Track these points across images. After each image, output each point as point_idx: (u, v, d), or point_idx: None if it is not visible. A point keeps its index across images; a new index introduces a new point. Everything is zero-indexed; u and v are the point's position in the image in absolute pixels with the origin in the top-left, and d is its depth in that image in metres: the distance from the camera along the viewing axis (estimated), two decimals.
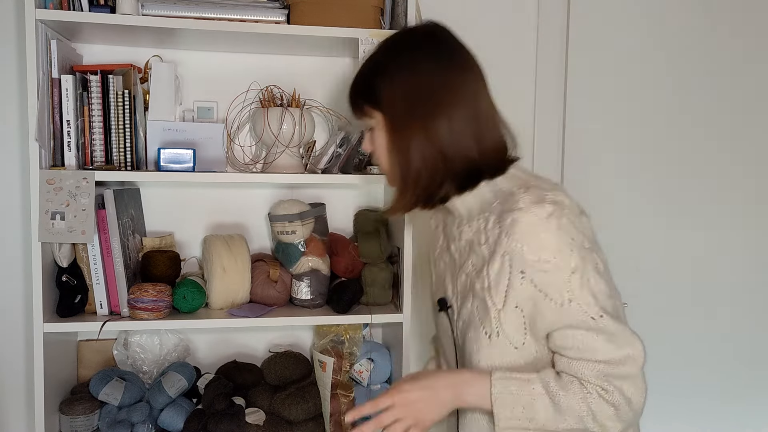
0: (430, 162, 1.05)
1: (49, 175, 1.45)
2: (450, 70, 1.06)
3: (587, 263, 0.99)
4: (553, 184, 1.07)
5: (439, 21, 1.13)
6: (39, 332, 1.47)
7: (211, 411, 1.57)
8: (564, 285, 0.98)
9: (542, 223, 0.97)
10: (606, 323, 0.98)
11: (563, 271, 0.97)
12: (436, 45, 1.08)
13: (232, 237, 1.69)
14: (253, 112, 1.74)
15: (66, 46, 1.58)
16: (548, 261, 0.97)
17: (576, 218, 1.01)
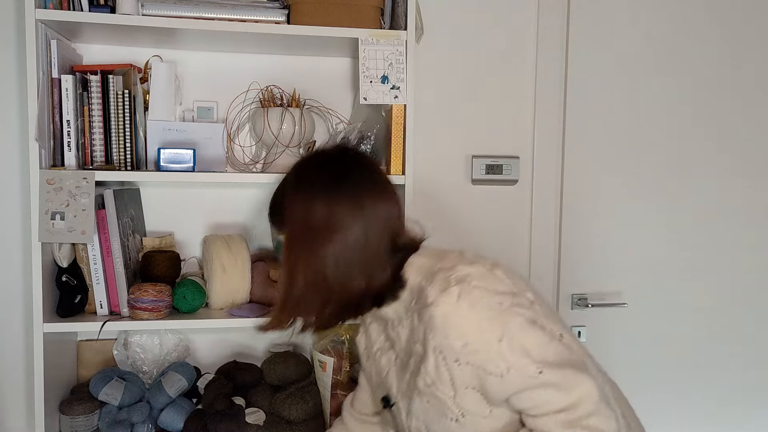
0: (312, 288, 1.08)
1: (49, 175, 1.45)
2: (343, 202, 1.07)
3: (511, 324, 1.00)
4: (456, 255, 1.09)
5: (351, 147, 1.18)
6: (39, 332, 1.47)
7: (211, 411, 1.57)
8: (497, 357, 0.99)
9: (454, 309, 1.00)
10: (547, 376, 0.98)
11: (491, 344, 0.99)
12: (336, 176, 1.10)
13: (232, 237, 1.69)
14: (253, 112, 1.74)
15: (66, 46, 1.58)
16: (474, 342, 0.99)
17: (486, 281, 1.03)
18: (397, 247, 1.12)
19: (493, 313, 1.00)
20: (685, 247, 2.10)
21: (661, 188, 2.07)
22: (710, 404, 2.16)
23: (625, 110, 2.03)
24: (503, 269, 1.07)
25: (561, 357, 1.00)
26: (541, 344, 1.00)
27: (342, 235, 1.06)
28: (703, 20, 2.06)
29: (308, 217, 1.08)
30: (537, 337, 1.00)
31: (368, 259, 1.08)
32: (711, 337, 2.14)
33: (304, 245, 1.08)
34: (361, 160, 1.15)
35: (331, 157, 1.14)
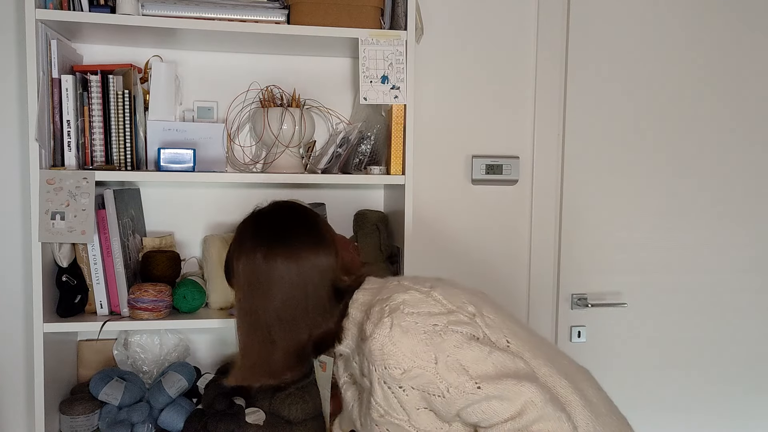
0: (258, 342, 1.14)
1: (49, 175, 1.45)
2: (280, 258, 1.12)
3: (445, 344, 1.03)
4: (395, 285, 1.12)
5: (287, 202, 1.22)
6: (39, 332, 1.48)
7: (211, 411, 1.57)
8: (436, 378, 1.02)
9: (388, 340, 1.03)
10: (487, 390, 1.01)
11: (428, 367, 1.02)
12: (272, 233, 1.15)
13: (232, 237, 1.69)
14: (253, 112, 1.74)
15: (66, 46, 1.58)
16: (412, 368, 1.02)
17: (420, 306, 1.06)
18: (340, 291, 1.16)
19: (427, 336, 1.03)
20: (685, 247, 2.10)
21: (661, 188, 2.07)
22: (710, 404, 2.16)
23: (625, 110, 2.03)
24: (443, 288, 1.11)
25: (501, 368, 1.03)
26: (479, 359, 1.03)
27: (281, 290, 1.11)
28: (704, 20, 2.06)
29: (249, 275, 1.13)
30: (474, 353, 1.03)
31: (310, 310, 1.13)
32: (711, 337, 2.14)
33: (248, 302, 1.14)
34: (297, 214, 1.19)
35: (268, 215, 1.19)
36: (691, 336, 2.12)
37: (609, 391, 2.09)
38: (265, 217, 1.19)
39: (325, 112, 1.82)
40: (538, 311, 2.01)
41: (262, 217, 1.19)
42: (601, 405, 1.16)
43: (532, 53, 1.96)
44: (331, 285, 1.15)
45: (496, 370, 1.03)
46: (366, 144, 1.69)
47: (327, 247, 1.16)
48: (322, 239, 1.16)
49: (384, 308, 1.07)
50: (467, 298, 1.12)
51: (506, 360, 1.04)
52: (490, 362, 1.03)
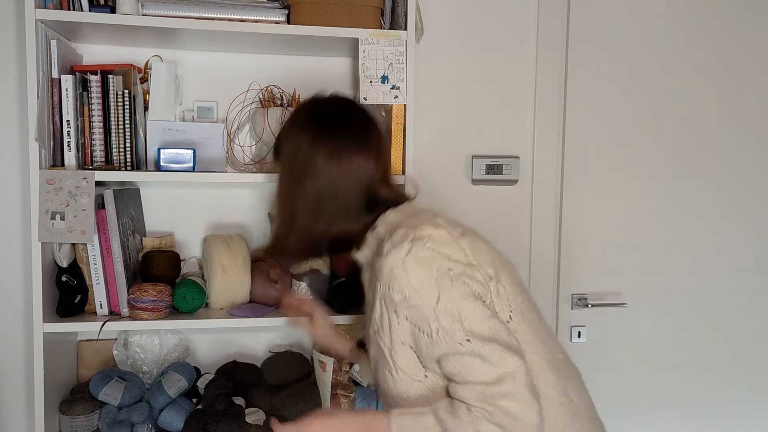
0: (296, 214, 1.17)
1: (49, 175, 1.45)
2: (322, 152, 1.15)
3: (453, 290, 1.03)
4: (429, 216, 1.12)
5: (344, 95, 1.24)
6: (39, 332, 1.47)
7: (211, 411, 1.57)
8: (430, 316, 1.02)
9: (400, 263, 1.03)
10: (474, 346, 1.00)
11: (428, 303, 1.02)
12: (324, 125, 1.18)
13: (232, 237, 1.69)
14: (253, 112, 1.74)
15: (66, 46, 1.58)
16: (412, 297, 1.03)
17: (444, 246, 1.06)
18: (374, 202, 1.17)
19: (438, 275, 1.03)
20: (685, 247, 2.10)
21: (661, 188, 2.07)
22: (710, 404, 2.16)
23: (625, 110, 2.03)
24: (472, 239, 1.10)
25: (495, 334, 1.02)
26: (478, 317, 1.02)
27: (315, 179, 1.14)
28: (704, 20, 2.06)
29: (290, 156, 1.17)
30: (476, 310, 1.03)
31: (336, 207, 1.15)
32: (711, 337, 2.14)
33: (284, 180, 1.19)
34: (354, 113, 1.21)
35: (325, 105, 1.22)
36: (691, 336, 2.12)
37: (609, 390, 2.09)
38: (322, 105, 1.22)
39: None
40: None
41: (320, 104, 1.22)
42: (581, 407, 1.16)
43: (532, 53, 1.96)
44: (366, 192, 1.16)
45: (490, 333, 1.02)
46: None
47: (371, 153, 1.17)
48: (368, 144, 1.18)
49: (408, 234, 1.06)
50: (491, 259, 1.11)
51: (502, 331, 1.04)
52: (487, 325, 1.02)
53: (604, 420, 2.10)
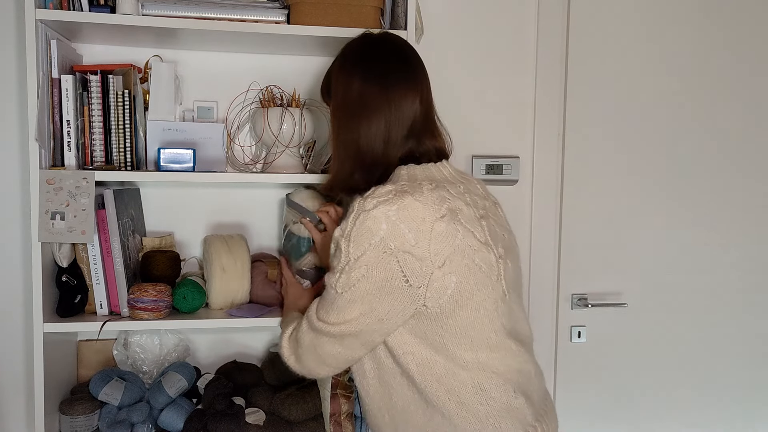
0: (348, 150, 1.23)
1: (49, 175, 1.45)
2: (380, 80, 1.21)
3: (374, 259, 1.09)
4: (424, 187, 1.13)
5: (393, 32, 1.31)
6: (39, 332, 1.47)
7: (211, 411, 1.57)
8: (341, 261, 1.12)
9: (356, 213, 1.11)
10: (338, 299, 1.13)
11: (347, 254, 1.11)
12: (378, 56, 1.25)
13: (232, 237, 1.69)
14: (253, 112, 1.74)
15: (66, 46, 1.58)
16: (344, 241, 1.12)
17: (406, 222, 1.08)
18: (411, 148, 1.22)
19: (377, 243, 1.08)
20: (685, 247, 2.10)
21: (661, 188, 2.07)
22: (710, 404, 2.16)
23: (626, 110, 2.03)
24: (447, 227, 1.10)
25: (366, 310, 1.12)
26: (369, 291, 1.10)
27: (374, 111, 1.19)
28: (704, 19, 2.06)
29: (348, 93, 1.22)
30: (374, 283, 1.10)
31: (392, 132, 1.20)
32: (711, 337, 2.14)
33: (343, 116, 1.23)
34: (397, 45, 1.28)
35: (374, 43, 1.27)
36: (691, 336, 2.12)
37: (609, 391, 2.09)
38: (372, 44, 1.27)
39: (326, 112, 1.82)
40: (538, 311, 2.01)
41: (370, 43, 1.27)
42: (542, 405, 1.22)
43: (532, 53, 1.96)
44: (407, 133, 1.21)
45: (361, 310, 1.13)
46: None
47: (417, 94, 1.23)
48: (417, 84, 1.24)
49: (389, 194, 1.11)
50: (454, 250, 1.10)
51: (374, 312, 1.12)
52: (368, 302, 1.12)
53: (605, 420, 2.11)
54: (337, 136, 1.24)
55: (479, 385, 1.14)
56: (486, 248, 1.14)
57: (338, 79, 1.25)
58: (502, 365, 1.16)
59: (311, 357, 1.21)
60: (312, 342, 1.19)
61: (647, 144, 2.05)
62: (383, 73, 1.21)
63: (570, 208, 2.02)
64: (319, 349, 1.19)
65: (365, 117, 1.20)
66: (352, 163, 1.23)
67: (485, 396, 1.14)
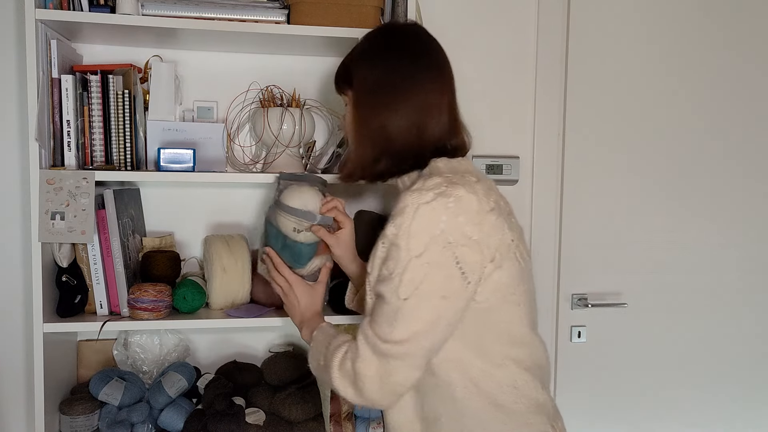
0: (375, 137, 1.18)
1: (49, 175, 1.45)
2: (409, 68, 1.18)
3: (437, 255, 1.04)
4: (471, 179, 1.11)
5: (418, 23, 1.30)
6: (39, 332, 1.47)
7: (211, 411, 1.57)
8: (402, 261, 1.05)
9: (415, 206, 1.05)
10: (404, 307, 1.04)
11: (409, 251, 1.04)
12: (405, 44, 1.21)
13: (233, 237, 1.69)
14: (253, 112, 1.74)
15: (66, 46, 1.58)
16: (401, 237, 1.05)
17: (463, 214, 1.05)
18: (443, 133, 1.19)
19: (438, 237, 1.04)
20: (685, 247, 2.10)
21: (661, 188, 2.07)
22: (710, 404, 2.16)
23: (626, 110, 2.03)
24: (496, 220, 1.09)
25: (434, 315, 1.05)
26: (434, 291, 1.04)
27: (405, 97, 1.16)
28: (704, 19, 2.06)
29: (377, 79, 1.18)
30: (440, 282, 1.04)
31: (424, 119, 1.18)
32: (711, 337, 2.14)
33: (372, 102, 1.19)
34: (425, 35, 1.25)
35: (402, 31, 1.25)
36: (691, 336, 2.12)
37: (609, 391, 2.09)
38: (399, 32, 1.24)
39: (325, 112, 1.82)
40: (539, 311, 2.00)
41: (396, 31, 1.25)
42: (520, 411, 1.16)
43: (532, 53, 1.96)
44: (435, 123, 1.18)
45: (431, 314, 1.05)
46: None
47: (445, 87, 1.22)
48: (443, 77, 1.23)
49: (441, 185, 1.07)
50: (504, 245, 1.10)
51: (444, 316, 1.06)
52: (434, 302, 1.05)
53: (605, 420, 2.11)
54: (363, 123, 1.19)
55: (513, 383, 1.13)
56: (521, 243, 1.15)
57: (362, 65, 1.21)
58: (530, 360, 1.16)
59: (377, 387, 1.07)
60: (379, 371, 1.06)
61: (647, 144, 2.05)
62: (412, 61, 1.18)
63: (570, 208, 2.02)
64: (388, 378, 1.06)
65: (393, 103, 1.16)
66: (379, 149, 1.18)
67: (518, 394, 1.13)
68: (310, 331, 1.26)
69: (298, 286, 1.33)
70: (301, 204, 1.32)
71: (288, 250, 1.36)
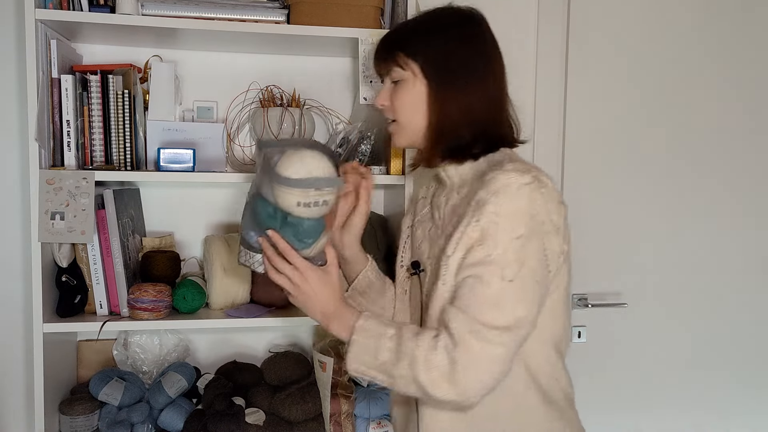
0: (459, 119, 1.12)
1: (48, 175, 1.45)
2: (485, 48, 1.16)
3: (534, 240, 1.02)
4: (545, 173, 1.12)
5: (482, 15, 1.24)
6: (39, 332, 1.47)
7: (211, 411, 1.57)
8: (502, 242, 1.01)
9: (515, 186, 1.02)
10: (508, 289, 0.99)
11: (509, 232, 1.01)
12: (476, 25, 1.18)
13: (233, 237, 1.69)
14: (253, 112, 1.74)
15: (66, 46, 1.58)
16: (502, 216, 1.01)
17: (550, 203, 1.06)
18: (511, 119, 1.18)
19: (534, 221, 1.02)
20: (685, 247, 2.10)
21: (661, 188, 2.07)
22: (710, 404, 2.16)
23: (626, 110, 2.03)
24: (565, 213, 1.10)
25: (533, 297, 1.02)
26: (531, 275, 1.01)
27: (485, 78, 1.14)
28: (705, 19, 2.06)
29: (459, 57, 1.13)
30: (536, 269, 1.02)
31: (496, 104, 1.16)
32: (711, 337, 2.14)
33: (457, 81, 1.13)
34: (486, 22, 1.22)
35: (468, 13, 1.20)
36: (691, 336, 2.12)
37: (609, 391, 2.09)
38: (466, 13, 1.20)
39: (325, 112, 1.82)
40: None
41: (462, 12, 1.20)
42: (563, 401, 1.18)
43: (532, 52, 1.96)
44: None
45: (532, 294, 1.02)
46: (366, 144, 1.68)
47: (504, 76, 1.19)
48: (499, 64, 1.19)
49: (531, 171, 1.06)
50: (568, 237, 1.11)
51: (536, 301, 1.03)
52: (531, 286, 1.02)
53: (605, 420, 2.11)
54: (445, 100, 1.13)
55: (558, 378, 1.14)
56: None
57: (442, 38, 1.14)
58: (562, 356, 1.17)
59: (478, 378, 0.99)
60: (482, 361, 0.99)
61: (647, 144, 2.05)
62: (489, 47, 1.17)
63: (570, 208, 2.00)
64: (491, 367, 1.00)
65: (475, 84, 1.13)
66: (464, 128, 1.13)
67: (560, 386, 1.15)
68: (347, 326, 1.09)
69: (312, 273, 1.10)
70: (305, 172, 1.10)
71: (290, 230, 1.13)
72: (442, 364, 0.99)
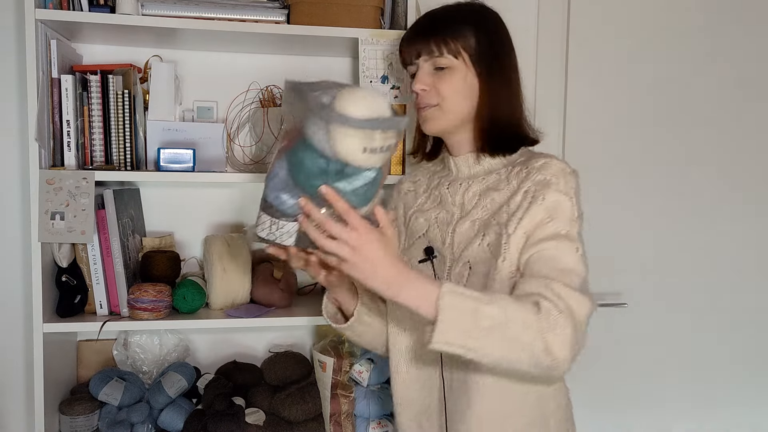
0: (507, 110, 1.20)
1: (48, 175, 1.45)
2: (512, 44, 1.23)
3: (578, 224, 1.12)
4: None
5: None
6: (39, 332, 1.47)
7: (211, 411, 1.57)
8: (569, 221, 1.09)
9: (569, 170, 1.13)
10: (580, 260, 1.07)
11: (574, 211, 1.10)
12: (502, 21, 1.23)
13: (233, 237, 1.69)
14: (253, 112, 1.74)
15: (66, 46, 1.58)
16: (567, 200, 1.10)
17: (579, 195, 1.15)
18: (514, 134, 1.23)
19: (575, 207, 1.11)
20: (685, 247, 2.10)
21: (661, 188, 2.07)
22: (710, 404, 2.16)
23: (626, 110, 2.03)
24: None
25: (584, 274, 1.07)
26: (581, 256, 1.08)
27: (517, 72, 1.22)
28: (706, 19, 2.06)
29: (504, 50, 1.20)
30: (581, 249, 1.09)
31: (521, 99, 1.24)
32: (711, 337, 2.14)
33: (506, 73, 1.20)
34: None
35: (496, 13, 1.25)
36: (691, 336, 2.12)
37: (609, 390, 2.09)
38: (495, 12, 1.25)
39: None
40: None
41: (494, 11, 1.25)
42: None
43: (532, 52, 1.96)
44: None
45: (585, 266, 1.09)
46: None
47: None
48: None
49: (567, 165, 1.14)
50: None
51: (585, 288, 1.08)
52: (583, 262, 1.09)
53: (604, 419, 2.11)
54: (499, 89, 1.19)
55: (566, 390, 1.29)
56: None
57: (490, 30, 1.19)
58: None
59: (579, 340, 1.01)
60: (589, 314, 1.03)
61: (647, 144, 2.05)
62: (510, 38, 1.23)
63: None
64: (585, 336, 1.04)
65: (512, 79, 1.21)
66: (517, 116, 1.22)
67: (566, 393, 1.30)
68: (428, 294, 0.96)
69: (372, 235, 0.95)
70: (370, 112, 0.91)
71: (347, 183, 0.95)
72: (565, 328, 0.97)
